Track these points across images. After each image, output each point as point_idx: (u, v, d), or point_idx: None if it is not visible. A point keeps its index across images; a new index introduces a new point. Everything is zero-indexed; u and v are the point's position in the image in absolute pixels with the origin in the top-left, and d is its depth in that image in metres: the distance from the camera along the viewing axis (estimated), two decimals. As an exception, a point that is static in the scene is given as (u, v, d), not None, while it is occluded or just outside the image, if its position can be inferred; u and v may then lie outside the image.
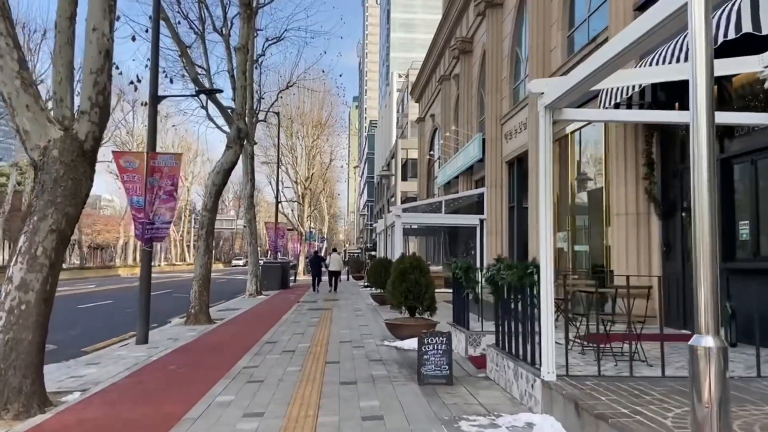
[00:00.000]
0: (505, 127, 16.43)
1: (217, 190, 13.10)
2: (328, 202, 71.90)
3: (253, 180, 21.53)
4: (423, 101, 32.43)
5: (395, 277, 9.05)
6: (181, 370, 7.10)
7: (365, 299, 18.43)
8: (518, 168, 15.71)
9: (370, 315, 13.55)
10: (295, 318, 13.11)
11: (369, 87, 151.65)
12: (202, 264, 12.91)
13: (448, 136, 22.40)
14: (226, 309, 16.27)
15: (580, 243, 11.49)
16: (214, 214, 13.20)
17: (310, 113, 44.43)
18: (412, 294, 8.88)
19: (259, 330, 10.97)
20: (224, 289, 27.24)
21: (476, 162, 18.73)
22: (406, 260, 9.14)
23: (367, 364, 7.27)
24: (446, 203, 16.85)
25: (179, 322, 12.81)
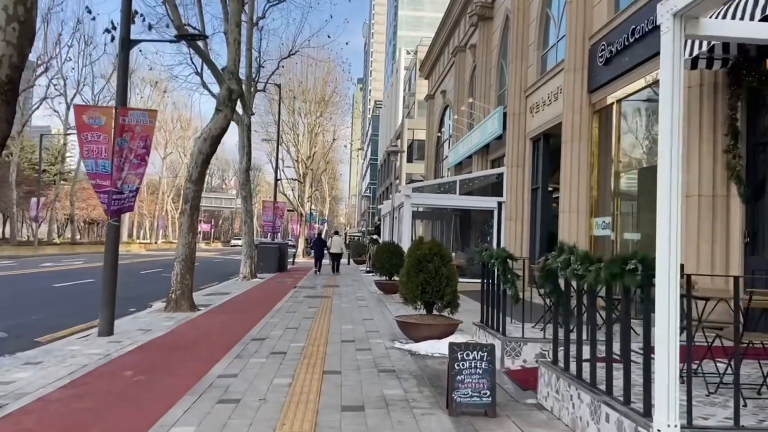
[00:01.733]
0: (530, 100, 14.70)
1: (204, 159, 11.43)
2: (330, 183, 70.21)
3: (249, 154, 19.82)
4: (433, 77, 30.58)
5: (410, 266, 7.44)
6: (137, 379, 5.52)
7: (368, 286, 16.86)
8: (545, 145, 14.01)
9: (375, 305, 11.98)
10: (291, 306, 11.54)
11: (374, 68, 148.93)
12: (186, 243, 11.29)
13: (463, 110, 20.65)
14: (215, 293, 14.72)
15: (628, 231, 9.83)
16: (201, 187, 11.54)
17: (313, 89, 42.52)
18: (431, 287, 7.27)
19: (247, 321, 9.40)
20: (219, 270, 25.71)
21: (493, 140, 17.03)
22: (425, 246, 7.51)
23: (377, 377, 5.68)
24: (461, 183, 15.21)
25: (159, 308, 11.25)
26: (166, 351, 6.89)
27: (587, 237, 10.85)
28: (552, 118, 13.10)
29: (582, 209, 10.92)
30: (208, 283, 18.49)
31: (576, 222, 10.94)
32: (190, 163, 11.58)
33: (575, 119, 11.12)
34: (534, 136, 14.44)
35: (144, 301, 13.21)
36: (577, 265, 4.13)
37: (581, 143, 11.02)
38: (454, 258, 16.14)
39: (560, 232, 11.31)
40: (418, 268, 7.38)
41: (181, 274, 11.18)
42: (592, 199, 10.92)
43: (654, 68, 8.65)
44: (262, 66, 22.54)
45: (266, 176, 74.78)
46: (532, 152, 14.67)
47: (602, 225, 10.41)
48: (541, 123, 13.80)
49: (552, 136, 13.86)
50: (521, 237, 14.61)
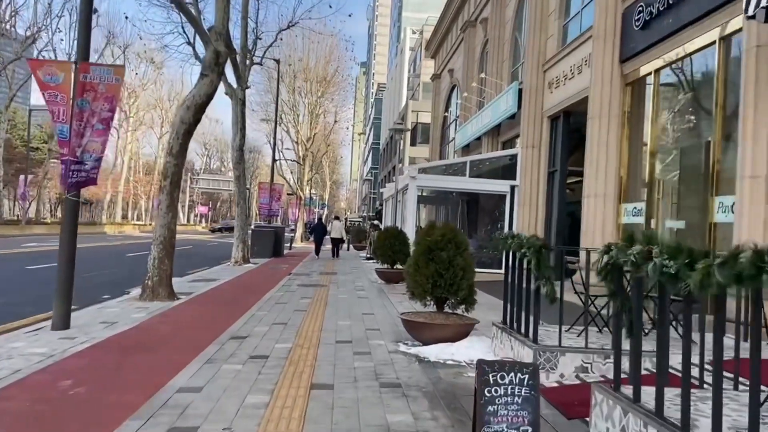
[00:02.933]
0: (549, 74, 13.40)
1: (186, 129, 10.18)
2: (330, 167, 68.82)
3: (243, 130, 18.55)
4: (440, 56, 29.16)
5: (419, 255, 6.24)
6: (72, 393, 4.35)
7: (368, 274, 15.69)
8: (564, 124, 12.75)
9: (375, 297, 10.81)
10: (282, 297, 10.38)
11: (378, 51, 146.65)
12: (164, 224, 10.10)
13: (474, 86, 19.32)
14: (201, 279, 13.56)
15: (667, 218, 8.60)
16: (182, 161, 10.32)
17: (315, 68, 41.00)
18: (444, 280, 6.09)
19: (229, 314, 8.24)
20: (212, 254, 24.57)
21: (506, 119, 15.75)
22: (437, 231, 6.31)
23: (378, 394, 4.51)
24: (471, 165, 13.97)
25: (136, 296, 10.09)
26: (123, 352, 5.72)
27: (615, 225, 9.66)
28: (574, 94, 11.84)
29: (609, 194, 9.71)
30: (197, 268, 17.36)
31: (602, 208, 9.73)
32: (171, 134, 10.33)
33: (604, 92, 9.86)
34: (552, 114, 13.17)
35: (122, 287, 12.08)
36: (665, 259, 2.91)
37: (610, 119, 9.78)
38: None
39: (584, 219, 10.11)
40: (428, 258, 6.19)
41: (159, 259, 10.01)
42: (621, 183, 9.70)
43: (706, 29, 7.38)
44: (259, 38, 21.14)
45: (266, 158, 73.33)
46: (550, 132, 13.41)
47: (633, 211, 9.20)
48: (561, 99, 12.53)
49: (573, 114, 12.61)
50: (535, 224, 13.41)
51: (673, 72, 8.73)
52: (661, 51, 8.70)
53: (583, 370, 4.72)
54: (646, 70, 9.22)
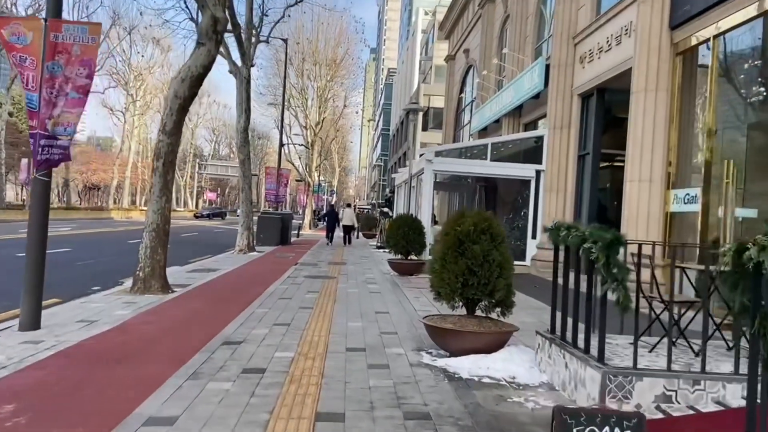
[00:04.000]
0: (580, 48, 12.21)
1: (181, 105, 9.16)
2: (339, 153, 67.69)
3: (248, 111, 17.51)
4: (454, 36, 27.86)
5: (448, 248, 5.20)
6: (11, 424, 3.38)
7: (379, 265, 14.69)
8: (598, 102, 11.58)
9: (389, 291, 9.80)
10: (286, 290, 9.40)
11: (388, 37, 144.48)
12: (157, 209, 9.13)
13: (495, 63, 18.10)
14: (201, 269, 12.62)
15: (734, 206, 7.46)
16: (176, 139, 9.30)
17: (324, 51, 39.74)
18: (477, 278, 5.05)
19: (226, 311, 7.27)
20: (216, 241, 23.69)
21: (530, 99, 14.58)
22: (468, 219, 5.25)
23: (402, 430, 3.49)
24: (492, 148, 12.84)
25: (127, 288, 9.17)
26: (91, 363, 4.75)
27: (662, 213, 8.55)
28: (610, 68, 10.66)
29: (656, 178, 8.59)
30: (200, 256, 16.47)
31: (647, 194, 8.62)
32: (164, 109, 9.30)
33: (651, 64, 8.70)
34: (584, 92, 12.00)
35: (117, 277, 11.19)
36: None
37: (658, 94, 8.63)
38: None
39: (625, 208, 9.00)
40: (458, 251, 5.14)
41: (152, 248, 9.06)
42: (669, 166, 8.57)
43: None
44: (265, 14, 20.01)
45: (274, 144, 72.37)
46: (581, 111, 12.25)
47: (686, 198, 8.08)
48: (596, 75, 11.35)
49: (608, 91, 11.44)
50: (563, 213, 12.30)
51: (737, 37, 7.55)
52: (722, 13, 7.52)
53: (665, 399, 3.68)
54: (702, 37, 8.04)
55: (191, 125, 64.93)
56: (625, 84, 10.70)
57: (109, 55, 40.43)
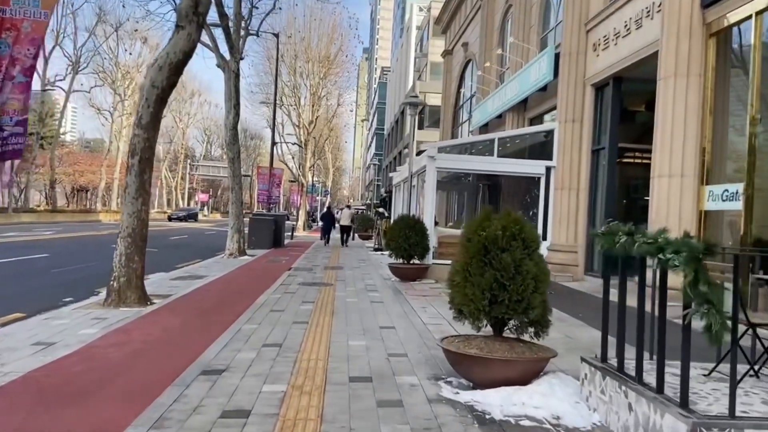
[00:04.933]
0: (593, 35, 11.35)
1: (158, 95, 8.22)
2: (333, 153, 66.67)
3: (237, 107, 16.56)
4: (452, 30, 27.00)
5: (471, 257, 4.31)
6: None
7: (378, 269, 13.79)
8: (614, 92, 10.73)
9: (392, 300, 8.89)
10: (279, 300, 8.47)
11: (381, 36, 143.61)
12: (133, 212, 8.20)
13: (499, 53, 17.23)
14: (186, 276, 11.67)
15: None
16: (154, 134, 8.36)
17: (317, 48, 38.78)
18: (508, 293, 4.15)
19: (208, 328, 6.35)
20: (207, 244, 22.70)
21: (536, 92, 13.73)
22: (495, 222, 4.36)
23: None
24: (499, 143, 11.96)
25: (99, 301, 8.23)
26: (30, 404, 3.82)
27: (695, 212, 7.69)
28: (629, 54, 9.81)
29: (688, 173, 7.74)
30: (188, 261, 15.52)
31: (678, 191, 7.77)
32: (140, 100, 8.35)
33: (681, 47, 7.84)
34: (598, 82, 11.14)
35: (93, 286, 10.25)
36: None
37: (689, 79, 7.77)
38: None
39: (652, 206, 8.14)
40: (484, 261, 4.25)
41: (127, 255, 8.12)
42: (704, 159, 7.72)
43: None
44: (255, 6, 19.04)
45: (267, 144, 71.35)
46: (595, 102, 11.39)
47: (724, 195, 7.22)
48: (612, 63, 10.49)
49: (626, 80, 10.60)
50: (576, 212, 11.45)
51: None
52: (766, -13, 6.67)
53: (775, 461, 2.79)
54: (740, 15, 7.19)
55: (182, 125, 63.73)
56: (646, 72, 9.86)
57: (95, 52, 39.26)
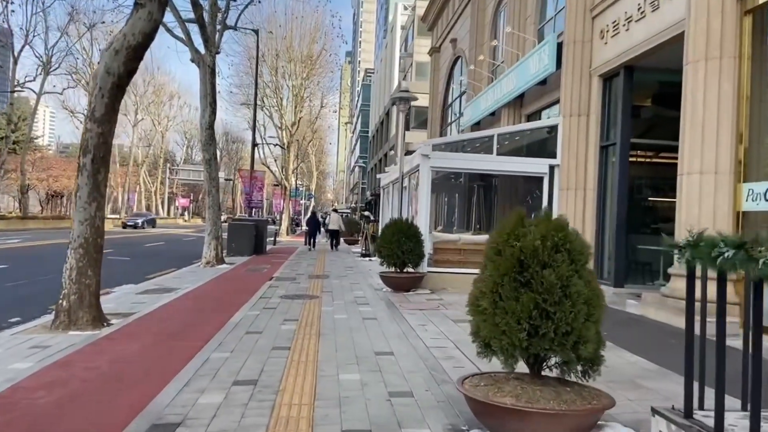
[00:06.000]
0: (600, 21, 10.46)
1: (114, 84, 7.10)
2: (317, 156, 65.49)
3: (213, 105, 15.42)
4: (439, 26, 26.10)
5: (501, 275, 3.28)
6: None
7: (368, 278, 12.74)
8: (625, 82, 9.83)
9: (386, 316, 7.83)
10: (256, 319, 7.37)
11: (364, 39, 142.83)
12: (85, 219, 7.06)
13: (494, 44, 16.31)
14: (155, 288, 10.51)
15: None
16: (110, 128, 7.22)
17: (299, 47, 37.65)
18: (553, 323, 3.13)
19: (169, 358, 5.26)
20: (184, 252, 21.44)
21: (535, 85, 12.82)
22: (532, 229, 3.34)
23: None
24: (499, 139, 10.99)
25: (46, 323, 7.07)
26: None
27: (731, 213, 6.79)
28: (644, 40, 8.92)
29: (723, 169, 6.84)
30: (161, 270, 14.33)
31: (711, 189, 6.86)
32: (93, 89, 7.22)
33: (713, 26, 6.95)
34: (607, 72, 10.25)
35: (48, 302, 9.04)
36: None
37: (723, 62, 6.87)
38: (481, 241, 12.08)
39: (681, 207, 7.22)
40: (519, 281, 3.23)
41: (79, 270, 6.98)
42: (740, 154, 6.82)
43: None
44: (233, -1, 17.88)
45: (250, 147, 69.96)
46: (602, 94, 10.49)
47: (767, 194, 6.31)
48: (622, 51, 9.60)
49: (639, 69, 9.71)
50: (583, 214, 10.53)
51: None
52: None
53: None
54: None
55: (161, 128, 61.96)
56: (663, 59, 9.00)
57: (67, 52, 37.63)
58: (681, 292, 7.11)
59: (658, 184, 10.83)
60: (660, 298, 7.40)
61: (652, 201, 10.81)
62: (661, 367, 5.17)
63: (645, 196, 10.87)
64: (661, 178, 10.49)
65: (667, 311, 7.09)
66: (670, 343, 6.12)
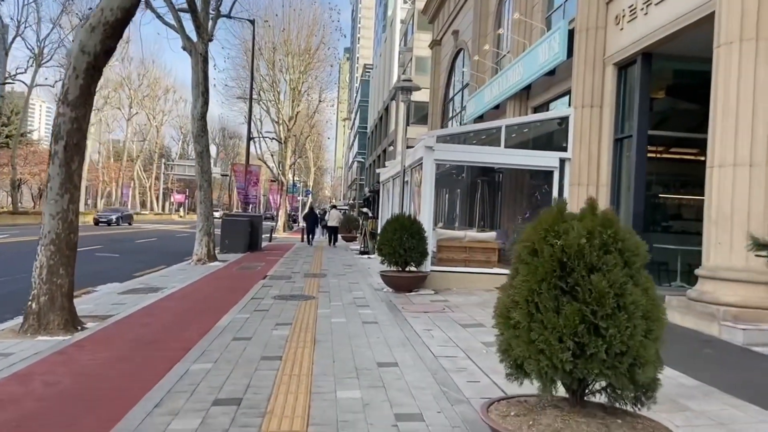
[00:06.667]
0: (615, 5, 9.83)
1: (90, 64, 6.43)
2: (315, 152, 64.73)
3: (206, 95, 14.74)
4: (440, 19, 25.44)
5: (539, 280, 2.64)
6: None
7: (367, 277, 12.11)
8: (643, 71, 9.19)
9: (389, 322, 7.19)
10: (245, 324, 6.73)
11: (362, 35, 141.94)
12: (57, 213, 6.42)
13: (500, 33, 15.65)
14: (141, 287, 9.86)
15: None
16: (84, 113, 6.56)
17: (296, 40, 36.91)
18: (604, 341, 2.50)
19: (142, 369, 4.63)
20: (176, 248, 20.75)
21: (542, 76, 12.18)
22: (575, 224, 2.70)
23: None
24: (507, 131, 10.32)
25: (14, 327, 6.45)
26: None
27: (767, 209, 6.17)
28: (666, 24, 8.28)
29: (759, 161, 6.23)
30: (150, 267, 13.69)
31: (746, 184, 6.25)
32: (66, 69, 6.56)
33: (748, 5, 6.32)
34: (622, 60, 9.62)
35: (22, 303, 8.35)
36: None
37: (759, 45, 6.26)
38: (495, 239, 11.41)
39: (711, 204, 6.60)
40: (561, 288, 2.61)
41: (49, 268, 6.34)
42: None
43: None
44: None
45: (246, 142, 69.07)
46: (617, 83, 9.86)
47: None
48: (640, 36, 8.97)
49: (657, 57, 9.09)
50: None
51: None
52: None
53: None
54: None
55: (156, 123, 61.12)
56: (685, 44, 8.38)
57: (60, 44, 36.78)
58: (711, 296, 6.54)
59: (677, 179, 10.23)
60: (686, 302, 6.79)
61: (670, 197, 10.21)
62: (702, 383, 4.55)
63: (662, 192, 10.26)
64: (681, 172, 9.90)
65: (696, 317, 6.48)
66: (705, 354, 5.51)
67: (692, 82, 9.65)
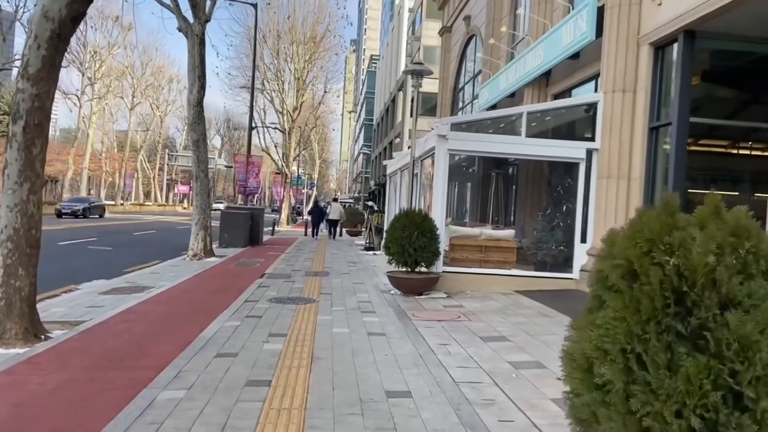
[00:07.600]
0: (653, -21, 8.80)
1: (53, 32, 5.52)
2: (320, 144, 63.80)
3: (202, 79, 13.83)
4: (450, 4, 24.37)
5: (645, 319, 1.69)
6: None
7: (373, 276, 11.22)
8: (685, 51, 8.19)
9: (398, 333, 6.28)
10: (233, 334, 5.84)
11: (369, 26, 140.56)
12: (15, 204, 5.54)
13: (519, 13, 14.63)
14: (126, 286, 9.01)
15: None
16: (48, 89, 5.66)
17: (301, 28, 35.90)
18: (753, 418, 1.55)
19: (98, 400, 3.74)
20: (173, 242, 19.89)
21: (565, 60, 11.18)
22: (694, 232, 1.76)
23: None
24: (528, 119, 9.33)
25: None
26: None
27: None
28: (712, -2, 7.27)
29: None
30: (143, 263, 12.85)
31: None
32: (27, 39, 5.65)
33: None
34: (659, 39, 8.62)
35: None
36: None
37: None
38: (512, 238, 10.47)
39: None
40: (678, 331, 1.67)
41: (6, 269, 5.48)
42: None
43: None
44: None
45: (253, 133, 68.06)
46: (654, 66, 8.87)
47: None
48: (682, 11, 7.96)
49: (702, 35, 8.08)
50: (627, 208, 8.97)
51: None
52: None
53: None
54: None
55: (159, 113, 60.29)
56: (737, 20, 7.38)
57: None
58: None
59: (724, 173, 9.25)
60: None
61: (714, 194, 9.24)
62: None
63: (710, 187, 9.28)
64: (726, 166, 8.92)
65: None
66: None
67: (740, 65, 8.66)
